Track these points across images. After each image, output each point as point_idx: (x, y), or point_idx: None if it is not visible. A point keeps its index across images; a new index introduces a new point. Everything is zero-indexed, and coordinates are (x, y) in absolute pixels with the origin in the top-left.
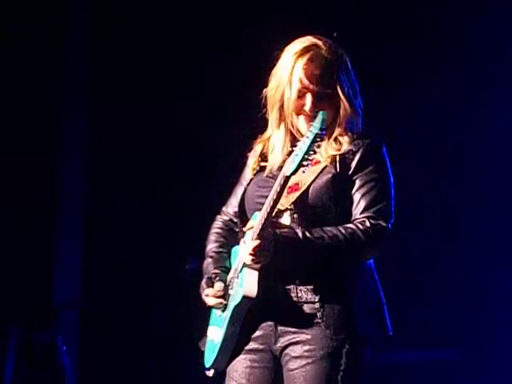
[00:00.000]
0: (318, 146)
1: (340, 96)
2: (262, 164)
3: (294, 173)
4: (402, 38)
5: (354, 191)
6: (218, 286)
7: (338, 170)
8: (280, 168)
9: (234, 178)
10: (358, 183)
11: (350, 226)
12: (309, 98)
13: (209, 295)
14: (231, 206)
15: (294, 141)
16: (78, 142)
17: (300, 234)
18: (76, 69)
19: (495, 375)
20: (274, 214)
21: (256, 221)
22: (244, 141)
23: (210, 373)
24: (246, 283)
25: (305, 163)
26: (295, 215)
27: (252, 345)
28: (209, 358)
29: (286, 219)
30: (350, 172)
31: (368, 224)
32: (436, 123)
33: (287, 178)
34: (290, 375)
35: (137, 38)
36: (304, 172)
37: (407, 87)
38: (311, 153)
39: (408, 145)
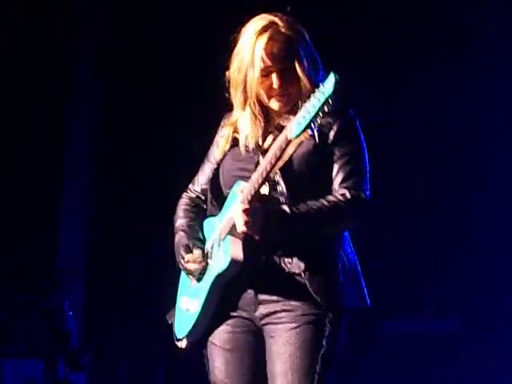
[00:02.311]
0: (327, 112)
1: (299, 73)
2: (233, 143)
3: (297, 136)
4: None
5: (331, 162)
6: (197, 252)
7: (317, 141)
8: (257, 145)
9: None
10: (335, 155)
11: (331, 198)
12: (275, 76)
13: (189, 261)
14: (198, 184)
15: (262, 120)
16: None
17: (287, 209)
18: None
19: (494, 345)
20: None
21: (246, 185)
22: None
23: (183, 343)
24: (232, 249)
25: (312, 126)
26: (277, 186)
27: (232, 312)
28: (182, 329)
29: (264, 190)
30: (329, 143)
31: (348, 195)
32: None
33: (289, 142)
34: (273, 341)
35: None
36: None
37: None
38: (320, 115)
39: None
